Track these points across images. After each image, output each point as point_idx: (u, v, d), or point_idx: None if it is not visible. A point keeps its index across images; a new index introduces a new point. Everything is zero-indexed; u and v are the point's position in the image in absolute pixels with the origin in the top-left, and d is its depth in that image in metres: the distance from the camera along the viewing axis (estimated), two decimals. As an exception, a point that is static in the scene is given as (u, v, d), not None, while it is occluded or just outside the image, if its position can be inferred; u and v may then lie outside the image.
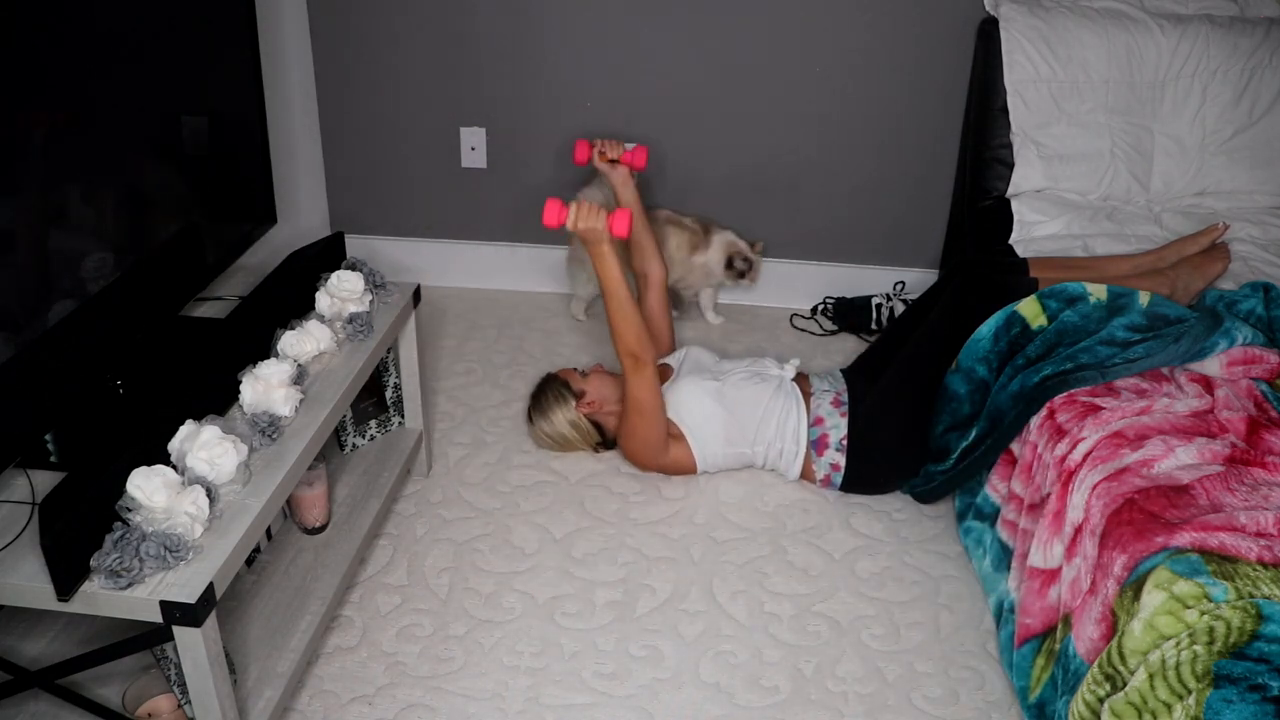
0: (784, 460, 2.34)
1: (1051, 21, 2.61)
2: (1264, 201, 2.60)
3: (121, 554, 1.37)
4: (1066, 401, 1.96)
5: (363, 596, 2.04)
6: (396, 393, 2.28)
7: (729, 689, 1.87)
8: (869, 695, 1.86)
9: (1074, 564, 1.74)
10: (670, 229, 2.87)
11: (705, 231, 2.89)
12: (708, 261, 2.88)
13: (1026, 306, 2.17)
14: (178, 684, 1.50)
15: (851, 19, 2.82)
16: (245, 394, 1.71)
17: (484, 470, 2.41)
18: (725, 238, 2.88)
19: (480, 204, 3.16)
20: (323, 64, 3.01)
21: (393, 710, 1.81)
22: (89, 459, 1.59)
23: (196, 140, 2.07)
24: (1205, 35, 2.59)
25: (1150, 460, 1.76)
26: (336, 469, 2.17)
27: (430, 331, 2.98)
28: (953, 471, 2.18)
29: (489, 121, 3.04)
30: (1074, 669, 1.64)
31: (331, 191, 3.19)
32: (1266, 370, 1.97)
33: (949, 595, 2.08)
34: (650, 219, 2.72)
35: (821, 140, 2.97)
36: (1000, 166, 2.68)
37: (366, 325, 1.99)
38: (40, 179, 1.60)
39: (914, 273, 3.09)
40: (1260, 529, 1.56)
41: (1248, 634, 1.42)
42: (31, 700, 1.62)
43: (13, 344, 1.53)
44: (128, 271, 1.82)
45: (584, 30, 2.90)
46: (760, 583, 2.10)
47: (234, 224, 2.21)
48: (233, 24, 2.13)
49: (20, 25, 1.50)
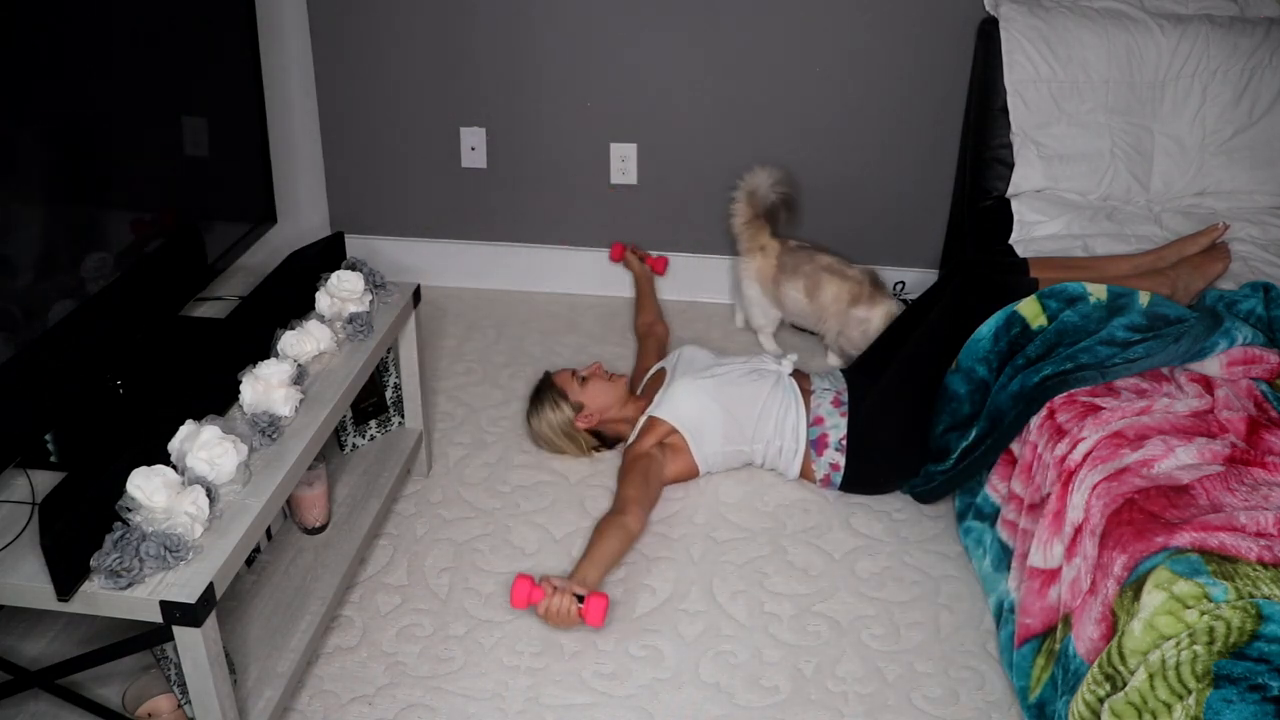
0: (783, 458, 2.34)
1: (1051, 21, 2.61)
2: (1264, 201, 2.60)
3: (121, 554, 1.37)
4: (1066, 401, 1.96)
5: (363, 596, 2.04)
6: (396, 393, 2.28)
7: (729, 689, 1.87)
8: (869, 695, 1.86)
9: (1074, 564, 1.74)
10: (829, 277, 2.71)
11: (873, 285, 2.70)
12: (870, 319, 2.65)
13: (1026, 306, 2.17)
14: (178, 684, 1.50)
15: (851, 19, 2.82)
16: (245, 394, 1.71)
17: (484, 470, 2.41)
18: (890, 308, 2.66)
19: (480, 204, 3.16)
20: (323, 64, 3.01)
21: (393, 710, 1.81)
22: (89, 459, 1.59)
23: (196, 140, 2.07)
24: (1205, 35, 2.59)
25: (1150, 460, 1.76)
26: (336, 469, 2.17)
27: (430, 331, 2.98)
28: (953, 471, 2.18)
29: (489, 121, 3.04)
30: (1074, 669, 1.64)
31: (331, 191, 3.19)
32: (1266, 370, 1.97)
33: (949, 595, 2.08)
34: (805, 260, 2.74)
35: (821, 140, 2.97)
36: (1000, 166, 2.68)
37: (366, 325, 1.99)
38: (40, 179, 1.60)
39: (914, 273, 3.09)
40: (1260, 529, 1.56)
41: (1248, 634, 1.42)
42: (31, 700, 1.62)
43: (13, 344, 1.53)
44: (128, 271, 1.82)
45: (584, 30, 2.90)
46: (760, 583, 2.10)
47: (234, 224, 2.21)
48: (233, 24, 2.13)
49: (20, 25, 1.50)
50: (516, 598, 1.93)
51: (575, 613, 1.91)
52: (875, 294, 2.69)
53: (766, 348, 2.89)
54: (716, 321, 3.08)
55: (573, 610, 1.91)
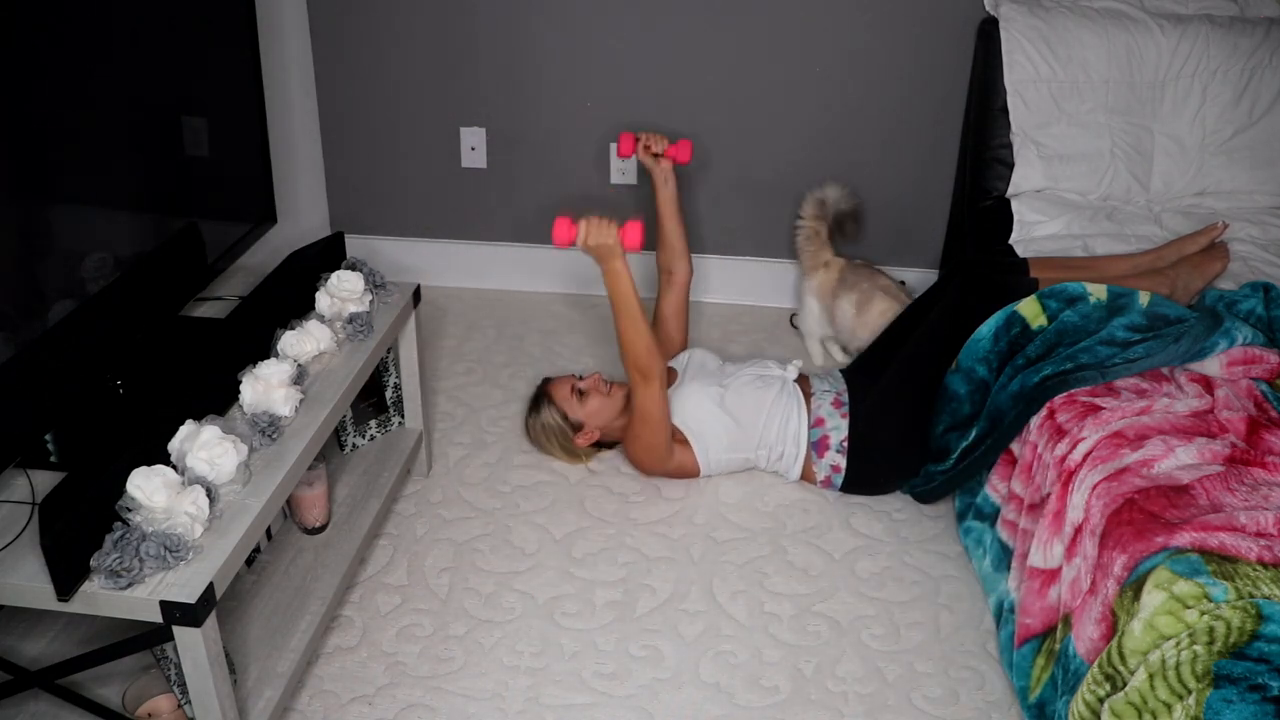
0: (784, 463, 2.34)
1: (1051, 21, 2.60)
2: (1264, 201, 2.60)
3: (121, 554, 1.37)
4: (1066, 401, 1.96)
5: (363, 596, 2.04)
6: (396, 393, 2.28)
7: (729, 689, 1.87)
8: (869, 695, 1.86)
9: (1074, 564, 1.74)
10: (881, 295, 2.67)
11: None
12: None
13: (1026, 306, 2.17)
14: (178, 684, 1.50)
15: (851, 19, 2.82)
16: (245, 394, 1.71)
17: (484, 470, 2.41)
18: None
19: (480, 204, 3.16)
20: (323, 64, 3.01)
21: (393, 710, 1.81)
22: (89, 459, 1.59)
23: (196, 140, 2.07)
24: (1205, 35, 2.59)
25: (1150, 460, 1.76)
26: (336, 469, 2.17)
27: (430, 331, 2.98)
28: (953, 471, 2.18)
29: (489, 121, 3.04)
30: (1074, 669, 1.64)
31: (331, 191, 3.19)
32: (1266, 370, 1.97)
33: (949, 595, 2.08)
34: (865, 278, 2.68)
35: (821, 140, 2.97)
36: (1000, 166, 2.68)
37: (366, 325, 1.99)
38: (40, 179, 1.60)
39: (914, 273, 3.09)
40: (1260, 529, 1.56)
41: (1248, 634, 1.42)
42: (31, 700, 1.62)
43: (13, 344, 1.53)
44: (128, 271, 1.82)
45: (584, 30, 2.90)
46: (760, 583, 2.10)
47: (234, 224, 2.21)
48: (233, 24, 2.13)
49: (20, 25, 1.50)
50: (558, 235, 2.08)
51: (615, 232, 2.07)
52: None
53: (812, 353, 2.86)
54: (717, 322, 3.08)
55: (612, 229, 2.07)
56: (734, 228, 3.11)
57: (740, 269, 3.15)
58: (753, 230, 3.09)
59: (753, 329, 3.05)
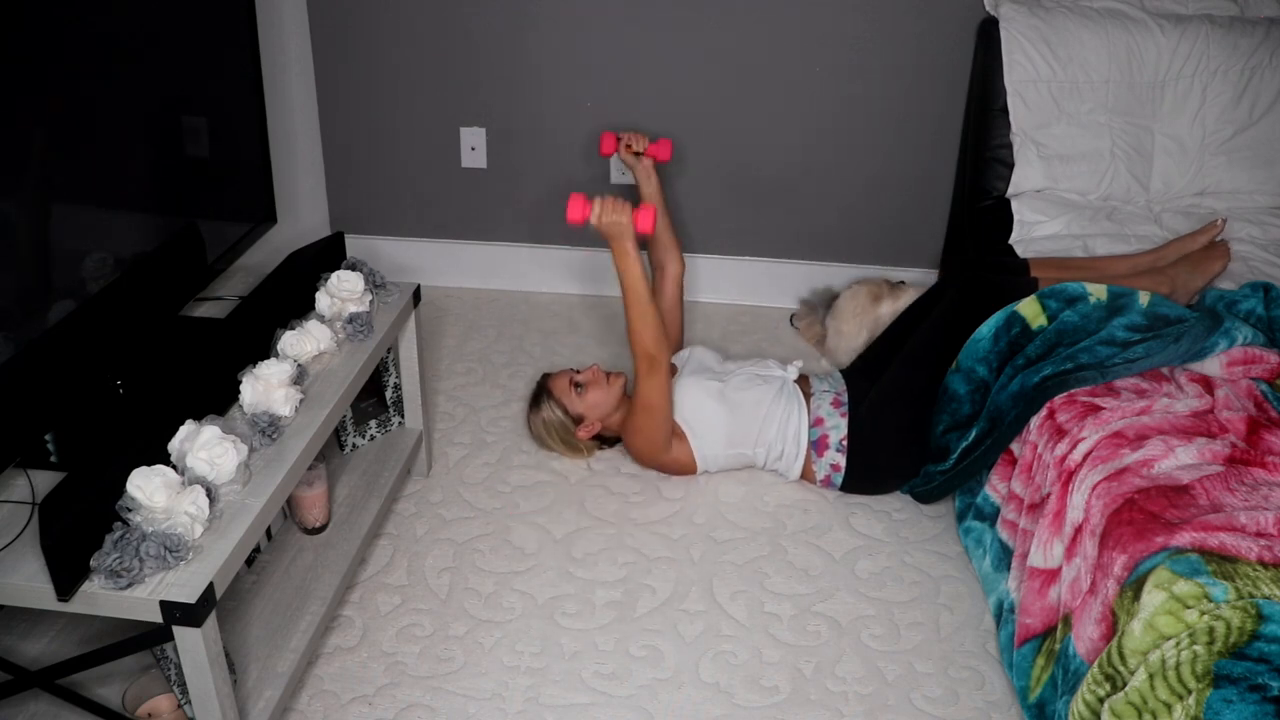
0: (784, 462, 2.34)
1: (1051, 21, 2.61)
2: (1264, 201, 2.60)
3: (121, 554, 1.37)
4: (1066, 401, 1.96)
5: (363, 596, 2.04)
6: (396, 393, 2.28)
7: (729, 689, 1.87)
8: (869, 695, 1.86)
9: (1074, 564, 1.74)
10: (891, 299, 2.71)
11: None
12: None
13: (1026, 306, 2.17)
14: (178, 684, 1.50)
15: (851, 19, 2.82)
16: (245, 394, 1.71)
17: (484, 470, 2.41)
18: None
19: (480, 204, 3.16)
20: (323, 64, 3.01)
21: (393, 710, 1.81)
22: (89, 459, 1.59)
23: (197, 140, 2.07)
24: (1205, 35, 2.59)
25: (1150, 460, 1.76)
26: (336, 469, 2.17)
27: (430, 331, 2.98)
28: (953, 471, 2.18)
29: (489, 121, 3.04)
30: (1074, 669, 1.64)
31: (331, 191, 3.19)
32: (1266, 370, 1.97)
33: (949, 595, 2.08)
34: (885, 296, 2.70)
35: (821, 140, 2.97)
36: (1000, 166, 2.68)
37: (366, 325, 1.99)
38: (40, 179, 1.60)
39: (914, 273, 3.09)
40: (1260, 529, 1.56)
41: (1248, 634, 1.42)
42: (31, 700, 1.62)
43: (13, 344, 1.53)
44: (128, 271, 1.82)
45: (584, 30, 2.90)
46: (760, 583, 2.10)
47: (234, 224, 2.21)
48: (233, 24, 2.13)
49: (21, 25, 1.50)
50: (571, 212, 2.14)
51: (629, 212, 2.14)
52: None
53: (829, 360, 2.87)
54: (716, 322, 3.08)
55: (626, 209, 2.14)
56: (734, 228, 3.11)
57: (740, 269, 3.15)
58: (753, 230, 3.09)
59: (753, 329, 3.05)
